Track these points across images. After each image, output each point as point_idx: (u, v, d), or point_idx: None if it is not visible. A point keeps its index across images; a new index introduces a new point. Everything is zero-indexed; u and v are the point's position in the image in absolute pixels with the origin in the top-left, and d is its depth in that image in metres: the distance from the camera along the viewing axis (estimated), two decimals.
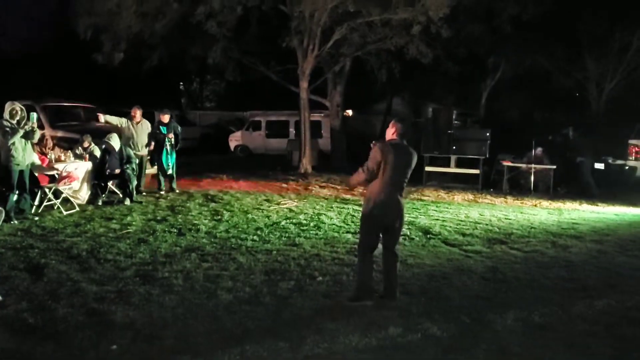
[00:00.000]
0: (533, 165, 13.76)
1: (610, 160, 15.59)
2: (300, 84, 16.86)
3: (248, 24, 16.61)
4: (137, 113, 11.55)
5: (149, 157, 12.13)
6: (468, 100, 27.60)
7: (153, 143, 11.74)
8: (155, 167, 12.20)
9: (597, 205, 12.09)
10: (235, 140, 24.88)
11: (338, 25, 15.74)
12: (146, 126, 11.70)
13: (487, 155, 14.57)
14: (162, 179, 12.04)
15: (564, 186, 13.90)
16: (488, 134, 14.71)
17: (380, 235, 5.54)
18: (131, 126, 11.43)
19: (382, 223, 5.45)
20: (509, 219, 10.24)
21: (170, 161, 11.93)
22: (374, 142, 5.46)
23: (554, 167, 13.79)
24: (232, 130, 26.63)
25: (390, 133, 5.46)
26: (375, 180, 5.34)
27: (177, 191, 12.06)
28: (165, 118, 12.00)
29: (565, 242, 8.47)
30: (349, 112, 25.95)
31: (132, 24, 15.09)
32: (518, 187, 14.08)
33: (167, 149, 11.81)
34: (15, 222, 8.47)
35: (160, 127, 11.86)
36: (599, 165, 14.58)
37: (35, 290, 5.58)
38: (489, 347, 4.57)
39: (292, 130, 22.98)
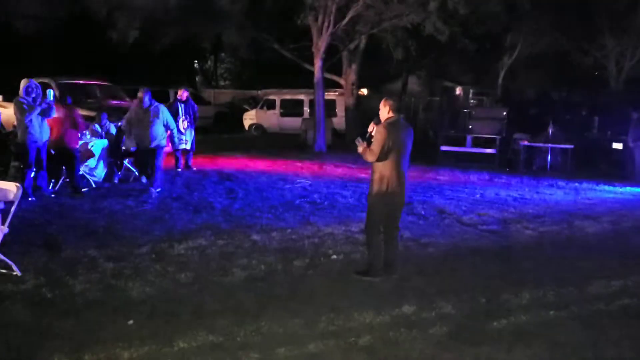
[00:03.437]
0: (550, 145, 13.60)
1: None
2: (315, 62, 16.74)
3: (262, 1, 16.48)
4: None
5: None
6: (485, 79, 27.28)
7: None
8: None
9: (614, 186, 11.95)
10: (249, 119, 24.85)
11: (353, 2, 15.55)
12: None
13: (504, 135, 14.42)
14: (178, 156, 12.11)
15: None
16: (505, 113, 14.54)
17: None
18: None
19: (393, 202, 5.45)
20: (525, 199, 10.17)
21: (188, 137, 11.98)
22: (373, 122, 5.48)
23: (572, 146, 13.61)
24: (247, 109, 26.60)
25: (386, 112, 5.45)
26: (384, 161, 5.34)
27: (194, 169, 12.12)
28: (183, 95, 12.04)
29: (582, 222, 8.39)
30: (364, 90, 25.77)
31: (146, 1, 15.04)
32: (534, 166, 13.94)
33: (180, 126, 11.84)
34: (33, 198, 8.56)
35: (178, 104, 11.92)
36: (617, 145, 14.37)
37: (53, 266, 5.66)
38: (504, 326, 4.56)
39: (306, 109, 22.89)
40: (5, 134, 10.76)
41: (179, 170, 11.94)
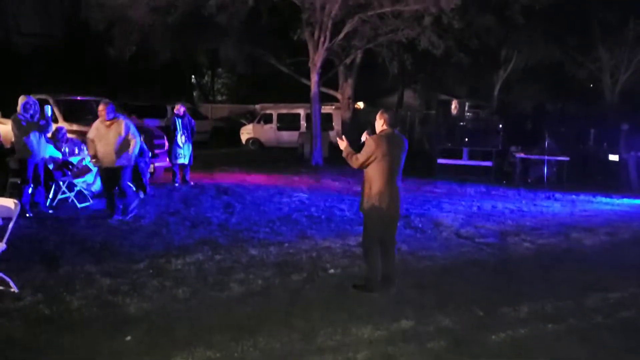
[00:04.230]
0: (546, 157, 13.65)
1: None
2: (311, 76, 16.85)
3: (259, 17, 16.61)
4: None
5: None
6: (480, 92, 27.44)
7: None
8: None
9: (611, 198, 11.99)
10: (246, 133, 24.92)
11: (349, 17, 15.70)
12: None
13: (501, 147, 14.48)
14: (176, 171, 12.14)
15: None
16: (501, 126, 14.61)
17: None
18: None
19: (387, 215, 5.46)
20: (522, 211, 10.19)
21: (186, 151, 12.01)
22: (366, 131, 5.57)
23: (567, 158, 13.67)
24: (244, 123, 26.67)
25: (380, 124, 5.53)
26: (376, 174, 5.39)
27: (192, 184, 12.13)
28: (180, 110, 12.10)
29: (579, 234, 8.41)
30: (360, 104, 25.89)
31: (143, 17, 15.15)
32: (531, 178, 13.98)
33: (178, 140, 11.89)
34: (30, 214, 8.55)
35: (175, 119, 11.99)
36: (614, 157, 14.44)
37: (51, 282, 5.65)
38: (502, 339, 4.56)
39: (303, 123, 22.96)
40: (5, 150, 10.78)
41: (177, 185, 11.96)
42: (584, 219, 9.65)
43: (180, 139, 11.93)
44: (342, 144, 5.66)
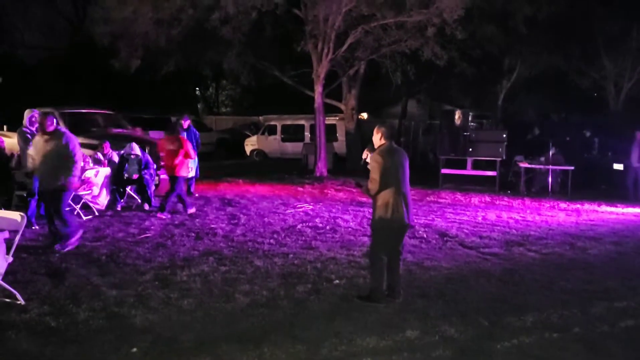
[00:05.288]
0: (550, 167, 13.64)
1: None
2: (315, 87, 16.90)
3: (263, 29, 16.70)
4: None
5: None
6: (484, 102, 27.42)
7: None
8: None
9: (616, 207, 11.96)
10: (251, 144, 25.00)
11: (352, 29, 15.76)
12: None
13: (505, 157, 14.47)
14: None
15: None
16: (505, 136, 14.61)
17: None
18: None
19: (398, 226, 5.48)
20: (527, 221, 10.18)
21: (191, 164, 12.04)
22: (366, 149, 5.68)
23: (572, 168, 13.66)
24: (248, 134, 26.76)
25: (378, 138, 5.60)
26: (384, 186, 5.41)
27: (196, 195, 12.16)
28: (185, 123, 12.14)
29: (584, 243, 8.40)
30: (364, 115, 25.94)
31: (148, 30, 15.26)
32: (535, 188, 13.97)
33: None
34: (37, 227, 8.59)
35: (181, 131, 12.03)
36: (619, 166, 14.41)
37: (57, 294, 5.67)
38: (508, 349, 4.55)
39: (307, 134, 23.03)
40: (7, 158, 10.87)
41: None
42: (589, 228, 9.63)
43: None
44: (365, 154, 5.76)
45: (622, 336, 4.87)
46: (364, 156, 5.65)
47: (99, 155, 11.03)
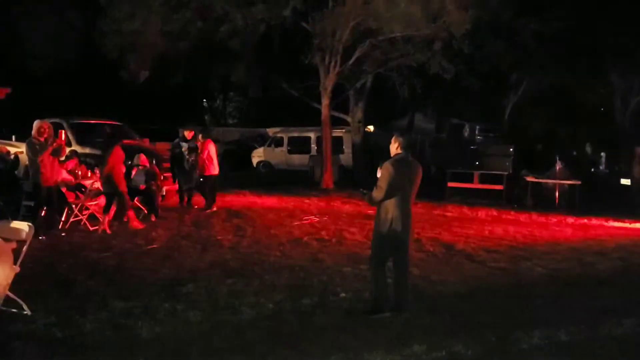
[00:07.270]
0: (557, 181, 13.59)
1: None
2: (322, 100, 16.97)
3: (271, 42, 16.82)
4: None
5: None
6: (491, 116, 27.45)
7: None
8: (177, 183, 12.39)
9: (623, 222, 11.89)
10: (257, 156, 25.04)
11: (360, 43, 15.85)
12: None
13: (511, 171, 14.44)
14: (183, 195, 12.19)
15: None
16: (512, 150, 14.60)
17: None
18: None
19: (396, 237, 5.46)
20: (534, 235, 10.13)
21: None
22: (379, 167, 5.51)
23: (579, 182, 13.60)
24: (255, 146, 26.80)
25: (395, 148, 5.54)
26: (391, 198, 5.38)
27: (196, 207, 12.11)
28: (189, 134, 12.18)
29: (592, 258, 8.34)
30: (371, 127, 25.98)
31: (157, 42, 15.39)
32: (542, 202, 13.91)
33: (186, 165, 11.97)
34: (44, 237, 8.61)
35: (182, 143, 12.10)
36: (625, 181, 14.36)
37: (63, 305, 5.67)
38: None
39: (314, 146, 23.02)
40: (10, 163, 10.96)
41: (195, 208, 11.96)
42: (597, 243, 9.57)
43: (187, 163, 11.99)
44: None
45: (631, 352, 4.83)
46: (378, 175, 5.46)
47: None
